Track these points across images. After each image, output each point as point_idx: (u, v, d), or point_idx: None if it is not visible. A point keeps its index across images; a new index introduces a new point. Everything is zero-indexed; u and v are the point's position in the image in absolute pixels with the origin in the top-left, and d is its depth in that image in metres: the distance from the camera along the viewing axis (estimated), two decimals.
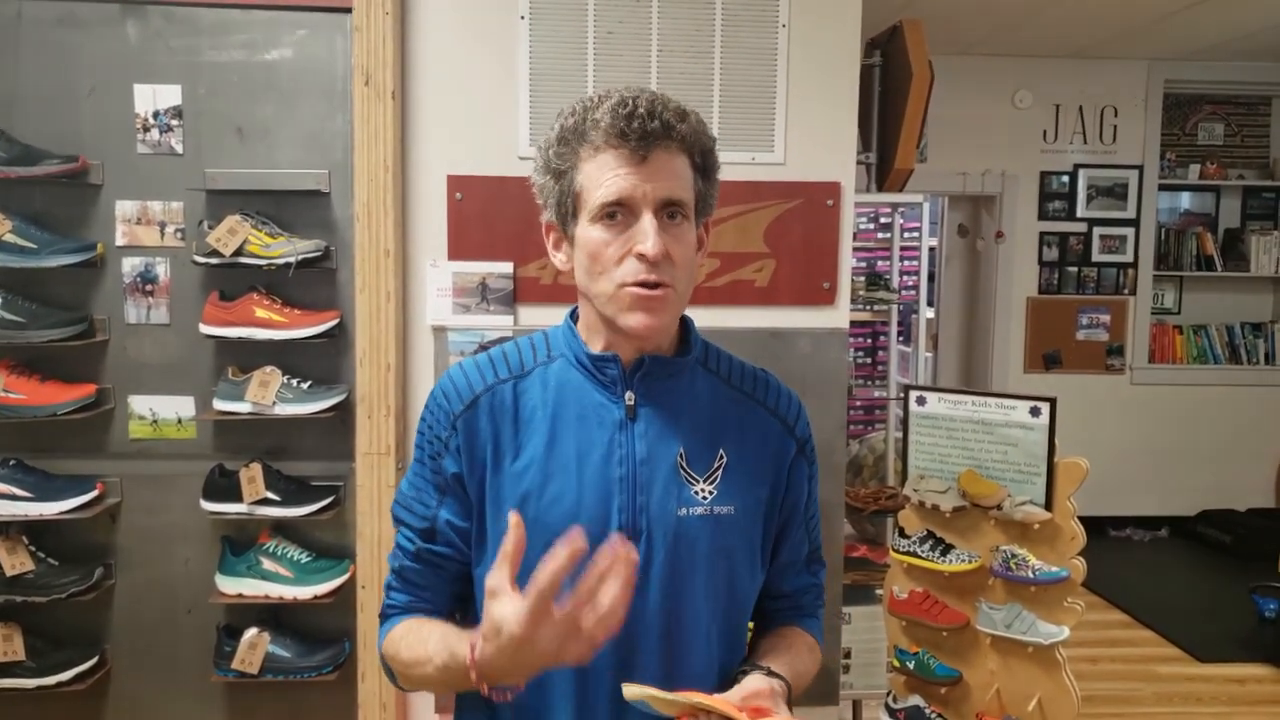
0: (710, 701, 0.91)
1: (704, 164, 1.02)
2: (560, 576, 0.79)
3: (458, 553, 1.08)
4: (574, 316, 1.10)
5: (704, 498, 1.03)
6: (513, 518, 0.84)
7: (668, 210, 0.98)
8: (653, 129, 0.95)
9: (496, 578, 0.84)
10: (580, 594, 0.81)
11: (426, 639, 1.01)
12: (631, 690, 0.88)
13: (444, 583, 1.09)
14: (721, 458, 1.05)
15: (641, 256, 0.96)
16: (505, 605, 0.82)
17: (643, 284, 0.97)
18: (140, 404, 2.21)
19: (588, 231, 0.99)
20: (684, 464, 1.04)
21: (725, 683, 1.02)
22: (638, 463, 1.02)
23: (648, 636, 1.01)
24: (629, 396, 1.04)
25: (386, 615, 1.11)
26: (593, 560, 0.81)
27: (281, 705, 2.27)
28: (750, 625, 1.17)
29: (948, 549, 2.34)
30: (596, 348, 1.06)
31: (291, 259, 2.10)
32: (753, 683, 0.97)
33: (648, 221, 0.96)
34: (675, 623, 1.03)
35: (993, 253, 5.34)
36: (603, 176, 0.97)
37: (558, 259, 1.06)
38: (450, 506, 1.07)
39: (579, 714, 1.02)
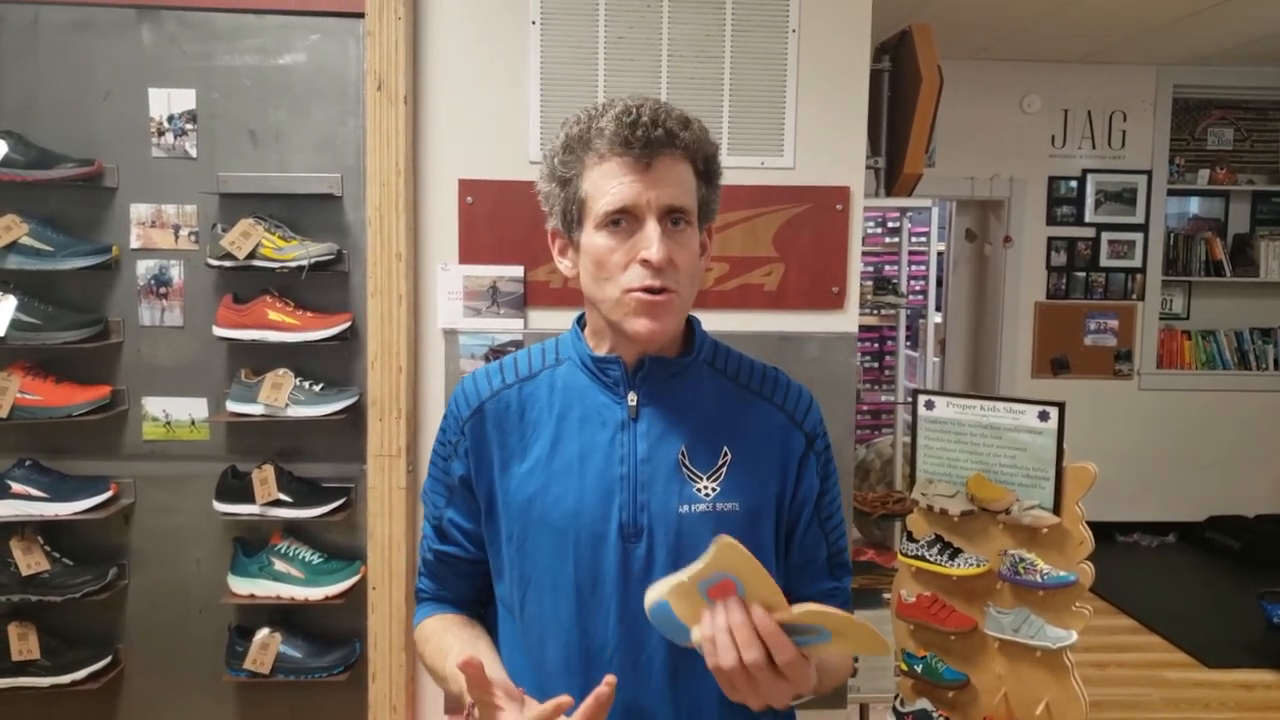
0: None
1: (707, 171, 1.04)
2: None
3: (465, 552, 1.13)
4: (581, 321, 1.12)
5: (707, 495, 1.04)
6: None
7: (671, 216, 0.99)
8: (656, 137, 0.97)
9: (506, 706, 0.91)
10: None
11: (447, 652, 1.07)
12: (652, 593, 0.88)
13: (458, 578, 1.15)
14: (725, 455, 1.06)
15: (646, 262, 0.97)
16: None
17: (647, 289, 0.98)
18: (154, 405, 2.23)
19: (593, 239, 1.00)
20: (686, 462, 1.05)
21: None
22: (639, 461, 1.04)
23: (652, 634, 1.02)
24: (632, 397, 1.05)
25: (419, 598, 1.19)
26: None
27: (292, 705, 2.29)
28: None
29: (956, 553, 2.35)
30: (601, 350, 1.08)
31: (304, 262, 2.12)
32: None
33: (652, 228, 0.97)
34: None
35: (1001, 257, 5.33)
36: (607, 184, 0.98)
37: (563, 265, 1.08)
38: (457, 508, 1.11)
39: None
